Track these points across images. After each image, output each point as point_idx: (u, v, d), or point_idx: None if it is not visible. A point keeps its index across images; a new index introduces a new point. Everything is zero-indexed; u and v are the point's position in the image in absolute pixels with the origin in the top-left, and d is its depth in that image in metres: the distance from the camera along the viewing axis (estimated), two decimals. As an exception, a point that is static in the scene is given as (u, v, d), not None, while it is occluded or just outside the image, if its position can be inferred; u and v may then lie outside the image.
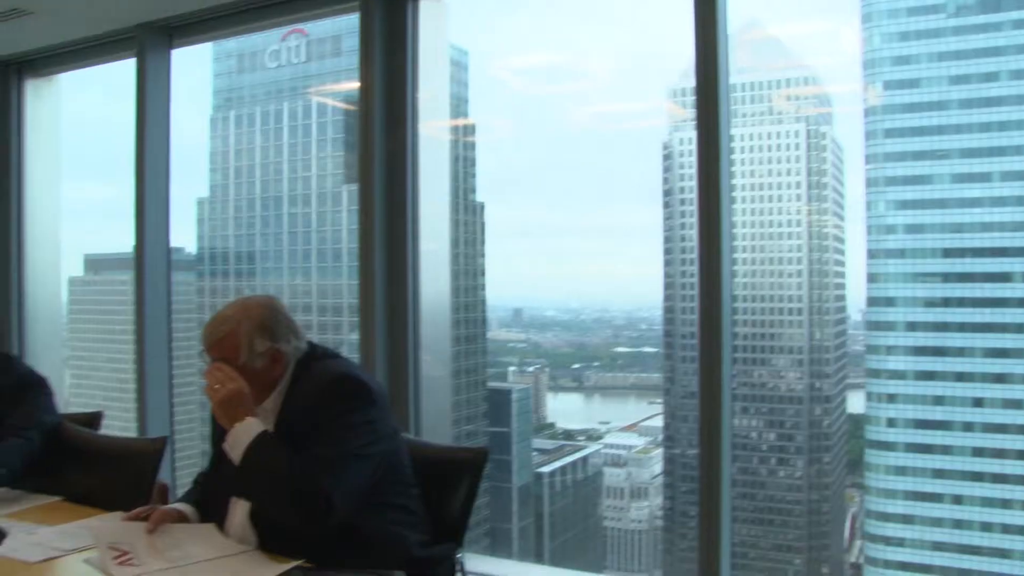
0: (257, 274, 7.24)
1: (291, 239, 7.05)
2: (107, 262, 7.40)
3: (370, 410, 2.24)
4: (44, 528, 2.52)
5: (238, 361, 2.24)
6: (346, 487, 2.15)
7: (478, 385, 6.98)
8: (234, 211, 7.37)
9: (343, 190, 6.88)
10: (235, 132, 7.50)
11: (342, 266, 6.92)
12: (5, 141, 5.53)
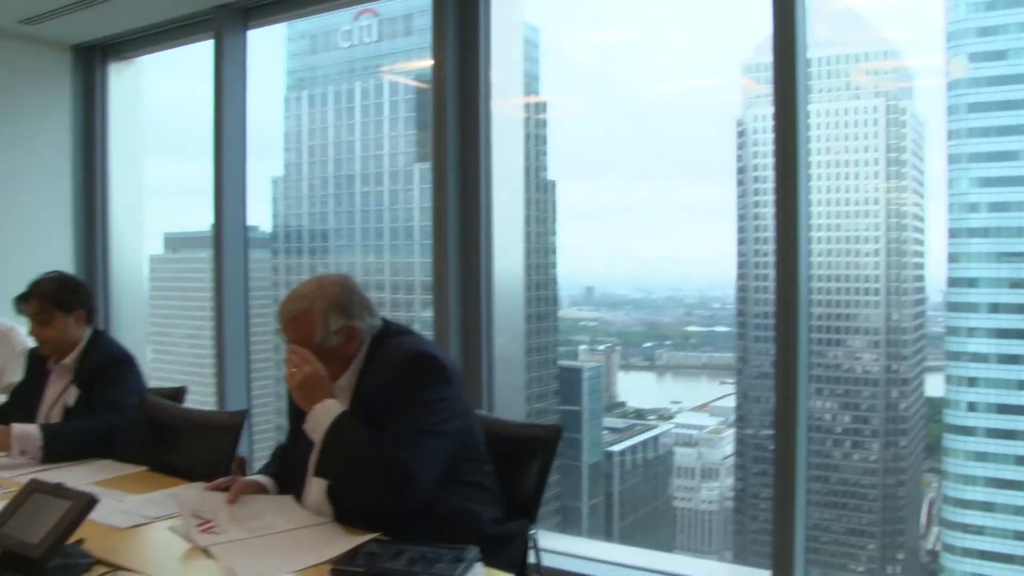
0: (330, 252, 7.32)
1: (363, 217, 7.11)
2: (185, 240, 7.56)
3: (445, 387, 2.25)
4: (131, 496, 2.60)
5: (313, 339, 2.27)
6: (425, 464, 2.16)
7: (549, 363, 6.97)
8: (308, 190, 7.46)
9: (415, 168, 6.90)
10: (308, 112, 7.58)
11: (413, 244, 6.95)
12: (90, 123, 5.68)
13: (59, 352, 3.40)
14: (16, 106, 5.73)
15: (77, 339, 3.41)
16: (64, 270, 3.68)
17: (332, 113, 7.52)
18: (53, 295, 3.36)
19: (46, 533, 1.97)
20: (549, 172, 6.39)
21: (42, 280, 3.43)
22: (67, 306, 3.37)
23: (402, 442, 2.19)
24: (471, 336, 3.94)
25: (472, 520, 2.30)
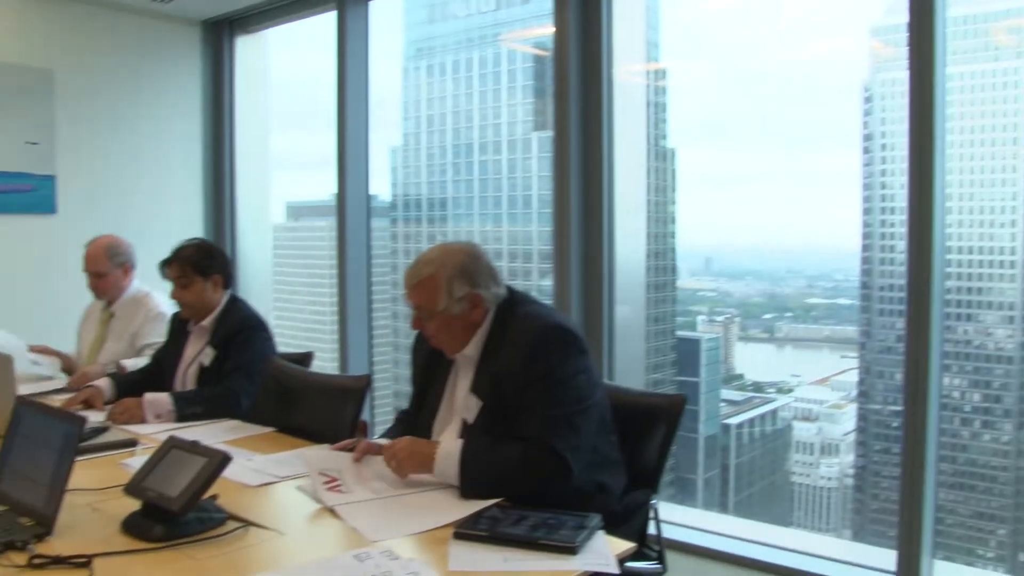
0: (448, 220, 7.36)
1: (482, 186, 7.12)
2: (307, 209, 7.71)
3: (581, 359, 2.24)
4: (260, 456, 2.68)
5: (437, 305, 2.28)
6: (577, 446, 2.16)
7: (667, 334, 6.89)
8: (426, 159, 7.51)
9: (533, 137, 6.87)
10: (427, 81, 7.62)
11: (532, 212, 6.94)
12: (218, 96, 5.86)
13: (197, 315, 3.59)
14: (149, 81, 5.95)
15: (215, 303, 3.59)
16: (204, 238, 3.86)
17: (451, 82, 7.54)
18: (192, 260, 3.54)
19: (184, 488, 2.05)
20: (669, 140, 6.28)
21: (183, 246, 3.61)
22: (205, 271, 3.55)
23: (553, 425, 2.19)
24: (592, 305, 3.93)
25: (602, 493, 2.30)
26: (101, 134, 5.77)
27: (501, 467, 2.20)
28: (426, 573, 1.76)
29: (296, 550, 2.06)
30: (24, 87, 5.46)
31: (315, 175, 6.97)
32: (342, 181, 5.09)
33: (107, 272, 4.21)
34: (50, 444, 2.20)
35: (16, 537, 2.02)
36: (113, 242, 4.26)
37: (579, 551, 1.89)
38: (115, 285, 4.25)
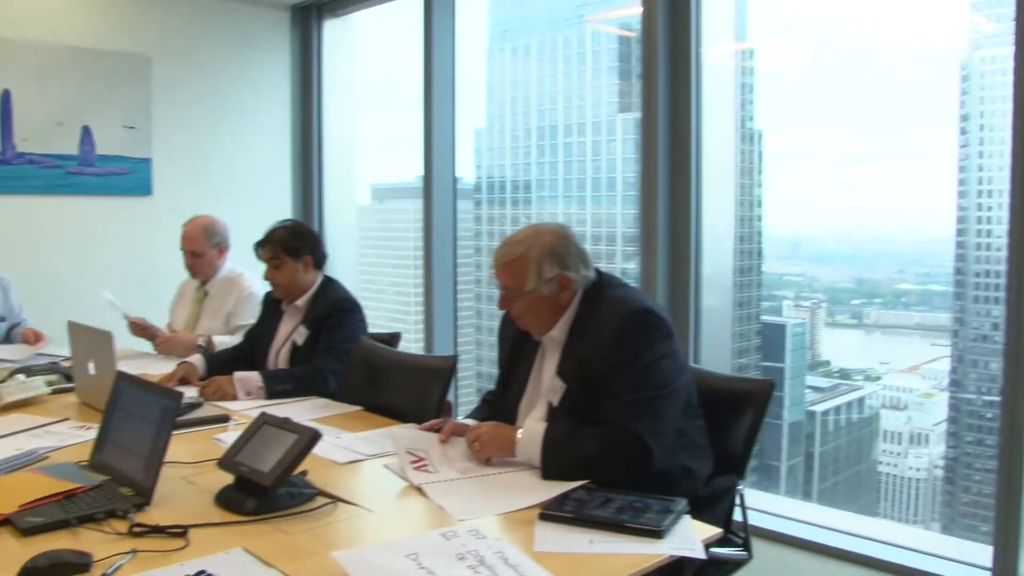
0: (532, 203, 7.34)
1: (566, 168, 7.09)
2: (391, 191, 7.78)
3: (668, 343, 2.22)
4: (347, 434, 2.73)
5: (525, 286, 2.28)
6: (660, 431, 2.15)
7: (751, 318, 6.77)
8: (510, 141, 7.50)
9: (617, 119, 6.81)
10: (511, 63, 7.60)
11: (616, 195, 6.89)
12: (307, 80, 5.95)
13: (290, 295, 3.67)
14: (240, 66, 6.08)
15: (307, 284, 3.67)
16: (297, 219, 3.94)
17: (535, 64, 7.50)
18: (284, 242, 3.62)
19: (275, 463, 2.10)
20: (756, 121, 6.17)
21: (276, 228, 3.69)
22: (296, 252, 3.62)
23: (636, 410, 2.18)
24: (678, 289, 3.89)
25: (687, 477, 2.28)
26: (195, 118, 5.92)
27: (582, 451, 2.20)
28: (512, 553, 1.77)
29: (383, 527, 2.09)
30: (122, 73, 5.62)
31: (400, 157, 7.04)
32: (428, 163, 5.12)
33: (203, 251, 4.32)
34: (148, 418, 2.28)
35: (117, 506, 2.10)
36: (210, 222, 4.37)
37: (665, 535, 1.88)
38: (210, 264, 4.36)
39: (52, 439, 2.79)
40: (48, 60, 5.36)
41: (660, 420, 2.19)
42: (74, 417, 3.12)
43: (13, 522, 2.03)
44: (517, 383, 2.54)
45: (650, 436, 2.16)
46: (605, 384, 2.25)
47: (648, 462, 2.17)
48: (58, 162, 5.44)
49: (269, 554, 1.84)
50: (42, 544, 1.91)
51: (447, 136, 5.18)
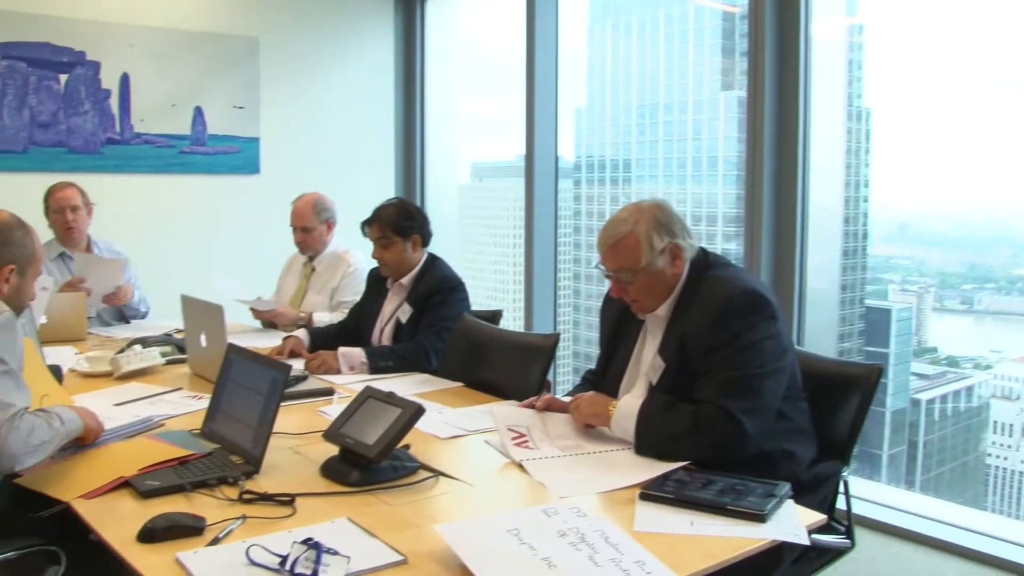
0: (632, 182, 7.29)
1: (666, 147, 7.01)
2: (491, 170, 7.82)
3: (772, 324, 2.18)
4: (449, 409, 2.77)
5: (639, 262, 2.26)
6: (756, 412, 2.12)
7: (855, 302, 6.62)
8: (611, 120, 7.44)
9: (720, 97, 6.70)
10: (612, 41, 7.54)
11: (717, 175, 6.78)
12: (410, 59, 6.01)
13: (396, 273, 3.72)
14: (345, 46, 6.18)
15: (413, 262, 3.71)
16: (404, 198, 3.99)
17: (636, 42, 7.42)
18: (391, 221, 3.66)
19: (380, 436, 2.15)
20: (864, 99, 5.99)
21: (383, 206, 3.74)
22: (404, 232, 3.66)
23: (734, 388, 2.15)
24: (783, 271, 3.82)
25: (789, 460, 2.25)
26: (301, 98, 6.04)
27: (674, 427, 2.19)
28: (613, 531, 1.77)
29: (484, 501, 2.12)
30: (232, 55, 5.77)
31: (500, 136, 7.06)
32: (530, 142, 5.13)
33: (313, 227, 4.41)
34: (258, 389, 2.35)
35: (228, 473, 2.18)
36: (319, 198, 4.45)
37: (768, 519, 1.86)
38: (319, 240, 4.45)
39: (166, 407, 2.91)
40: (163, 44, 5.54)
41: (757, 399, 2.15)
42: (186, 387, 3.24)
43: (133, 484, 2.13)
44: (618, 362, 2.53)
45: (744, 414, 2.12)
46: (704, 363, 2.23)
47: (741, 442, 2.14)
48: (172, 142, 5.63)
49: (372, 525, 1.88)
50: (159, 506, 2.00)
51: (549, 115, 5.17)
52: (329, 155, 6.11)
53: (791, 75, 3.77)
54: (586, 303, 6.36)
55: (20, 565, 2.08)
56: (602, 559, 1.66)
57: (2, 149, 5.10)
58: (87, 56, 5.33)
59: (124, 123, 5.47)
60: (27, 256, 2.36)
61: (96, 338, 4.21)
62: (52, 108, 5.25)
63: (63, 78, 5.28)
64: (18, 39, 5.11)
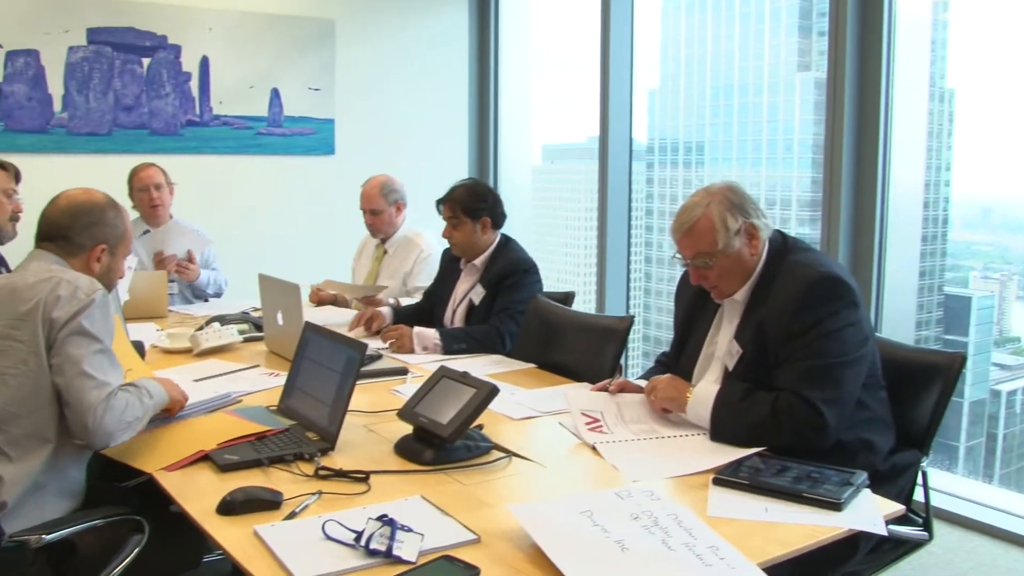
0: (705, 164, 7.20)
1: (740, 129, 6.90)
2: (562, 152, 7.79)
3: (854, 311, 2.15)
4: (522, 391, 2.77)
5: (716, 244, 2.24)
6: (837, 399, 2.09)
7: (934, 289, 6.44)
8: (684, 101, 7.35)
9: (796, 78, 6.57)
10: (687, 21, 7.44)
11: (792, 157, 6.66)
12: (484, 39, 6.01)
13: (467, 254, 3.74)
14: (419, 27, 6.20)
15: (484, 244, 3.73)
16: (478, 179, 4.01)
17: (711, 22, 7.32)
18: (462, 202, 3.68)
19: (454, 416, 2.17)
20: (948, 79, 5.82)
21: (457, 186, 3.77)
22: (474, 214, 3.68)
23: (814, 377, 2.12)
24: (861, 256, 3.74)
25: (867, 450, 2.21)
26: (375, 79, 6.09)
27: (752, 415, 2.17)
28: (686, 516, 1.77)
29: (556, 483, 2.13)
30: (308, 37, 5.84)
31: (572, 118, 7.02)
32: (604, 124, 5.10)
33: (382, 209, 4.44)
34: (334, 367, 2.39)
35: (304, 449, 2.22)
36: (387, 180, 4.48)
37: (844, 508, 1.83)
38: (389, 222, 4.48)
39: (244, 384, 2.97)
40: (241, 27, 5.63)
41: (838, 388, 2.11)
42: (263, 364, 3.30)
43: (212, 458, 2.19)
44: (692, 346, 2.51)
45: (824, 404, 2.09)
46: (783, 351, 2.19)
47: (820, 431, 2.11)
48: (249, 123, 5.73)
49: (446, 503, 1.90)
50: (237, 480, 2.05)
51: (624, 97, 5.13)
52: (403, 136, 6.15)
53: (873, 54, 3.67)
54: (657, 286, 6.31)
55: (106, 533, 2.16)
56: (675, 543, 1.66)
57: (88, 132, 5.24)
58: (168, 40, 5.44)
59: (203, 105, 5.58)
60: (118, 236, 2.43)
61: (176, 315, 4.32)
62: (135, 91, 5.38)
63: (146, 62, 5.40)
64: (104, 24, 5.24)
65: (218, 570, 3.18)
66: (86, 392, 2.09)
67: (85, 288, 2.19)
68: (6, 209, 3.52)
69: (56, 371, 2.11)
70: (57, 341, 2.11)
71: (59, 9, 5.08)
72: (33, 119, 5.09)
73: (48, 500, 2.12)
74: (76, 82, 5.20)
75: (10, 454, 2.06)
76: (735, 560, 1.60)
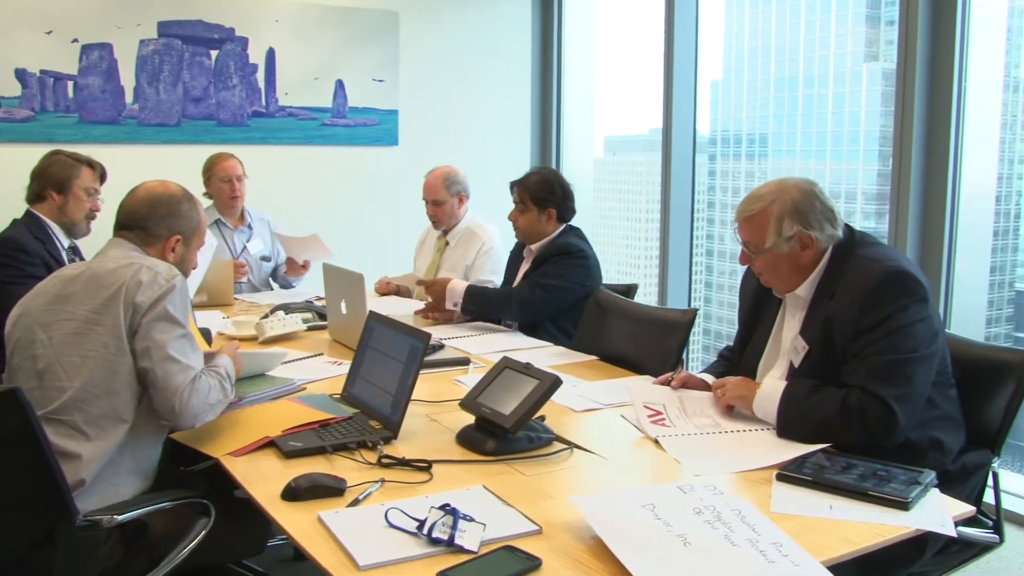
0: (768, 157, 7.11)
1: (805, 121, 6.80)
2: (624, 143, 7.75)
3: (923, 307, 2.10)
4: (583, 382, 2.78)
5: (764, 242, 2.22)
6: (908, 396, 2.05)
7: (1004, 285, 6.28)
8: (747, 93, 7.26)
9: (863, 68, 6.45)
10: (751, 11, 7.34)
11: (858, 150, 6.54)
12: (547, 31, 6.00)
13: (528, 239, 3.83)
14: (482, 18, 6.21)
15: (545, 232, 3.80)
16: (555, 171, 4.08)
17: (775, 12, 7.21)
18: (532, 190, 3.74)
19: (516, 407, 2.17)
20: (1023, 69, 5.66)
21: (532, 173, 3.84)
22: (541, 203, 3.73)
23: (885, 373, 2.09)
24: (930, 252, 3.67)
25: (936, 450, 2.17)
26: (439, 70, 6.12)
27: (821, 412, 2.14)
28: (749, 511, 1.75)
29: (618, 475, 2.12)
30: (373, 29, 5.89)
31: (633, 110, 6.98)
32: (668, 116, 5.06)
33: (444, 200, 4.46)
34: (397, 357, 2.41)
35: (367, 438, 2.25)
36: (450, 171, 4.50)
37: (911, 507, 1.79)
38: (451, 213, 4.50)
39: (307, 372, 3.01)
40: (307, 19, 5.69)
41: (908, 386, 2.07)
42: (326, 352, 3.35)
43: (277, 444, 2.23)
44: (757, 340, 2.49)
45: (896, 402, 2.05)
46: (851, 347, 2.16)
47: (891, 429, 2.07)
48: (314, 114, 5.80)
49: (507, 494, 1.91)
50: (301, 467, 2.08)
51: (688, 88, 5.09)
52: (466, 128, 6.17)
53: (945, 43, 3.58)
54: (718, 280, 6.26)
55: (173, 516, 2.21)
56: (738, 539, 1.64)
57: (158, 122, 5.35)
58: (236, 32, 5.53)
59: (269, 96, 5.66)
60: (192, 227, 2.50)
61: (242, 303, 4.39)
62: (203, 83, 5.48)
63: (214, 54, 5.49)
64: (174, 17, 5.34)
65: (279, 554, 3.25)
66: (173, 376, 2.18)
67: (165, 273, 2.26)
68: (85, 207, 3.61)
69: (142, 356, 2.18)
70: (142, 326, 2.18)
71: (132, 3, 5.19)
72: (106, 111, 5.21)
73: (123, 479, 2.19)
74: (147, 74, 5.31)
75: (88, 433, 2.13)
76: (799, 557, 1.58)
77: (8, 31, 4.90)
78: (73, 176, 3.57)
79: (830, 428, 2.11)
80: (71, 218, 3.59)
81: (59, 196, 3.56)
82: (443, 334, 3.56)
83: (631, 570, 1.53)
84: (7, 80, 4.94)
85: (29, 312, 2.28)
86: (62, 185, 3.56)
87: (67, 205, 3.58)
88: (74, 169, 3.59)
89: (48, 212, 3.57)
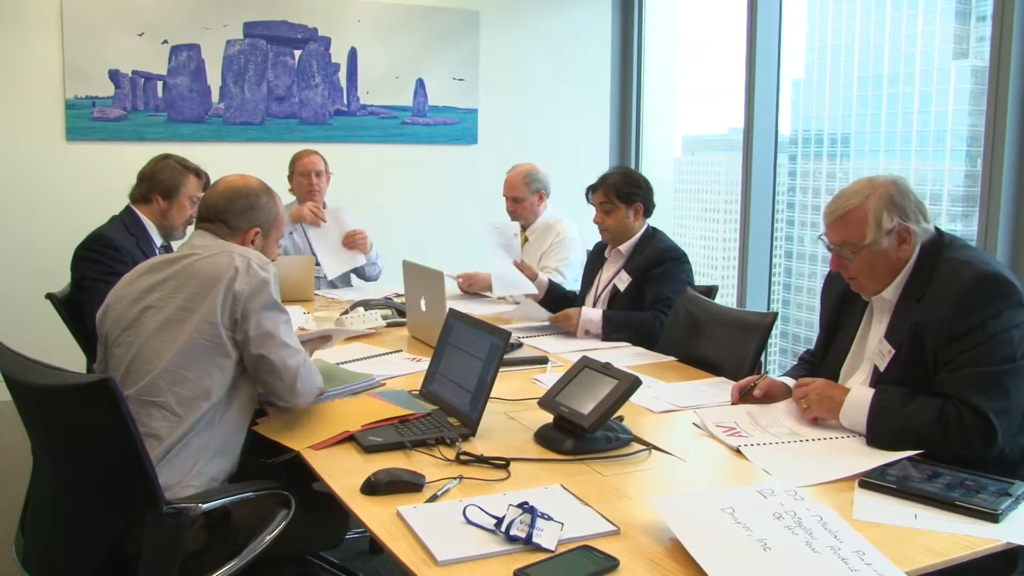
0: (851, 157, 6.97)
1: (889, 120, 6.65)
2: (702, 143, 7.67)
3: (1019, 312, 2.03)
4: (662, 384, 2.76)
5: (863, 239, 2.16)
6: (1007, 409, 1.98)
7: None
8: (830, 91, 7.13)
9: (951, 66, 6.28)
10: (834, 7, 7.20)
11: (944, 150, 6.37)
12: (627, 30, 5.98)
13: (616, 240, 3.76)
14: (562, 17, 6.22)
15: (634, 230, 3.75)
16: (629, 167, 4.02)
17: (860, 8, 7.06)
18: (617, 187, 3.70)
19: (595, 406, 2.17)
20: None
21: (610, 173, 3.79)
22: (628, 199, 3.70)
23: (980, 384, 2.03)
24: (1022, 255, 3.55)
25: (1026, 458, 2.11)
26: (519, 70, 6.14)
27: (915, 422, 2.07)
28: (831, 518, 1.72)
29: (696, 478, 2.11)
30: (453, 28, 5.94)
31: (712, 109, 6.91)
32: (749, 115, 5.01)
33: (524, 197, 4.48)
34: (477, 354, 2.43)
35: (446, 434, 2.27)
36: (531, 169, 4.52)
37: (1001, 519, 1.74)
38: (530, 210, 4.52)
39: (387, 368, 3.05)
40: (388, 18, 5.77)
41: (1006, 397, 2.01)
42: (405, 349, 3.38)
43: (357, 439, 2.27)
44: (840, 344, 2.44)
45: (995, 414, 1.99)
46: (943, 354, 2.09)
47: (990, 443, 2.01)
48: (395, 113, 5.87)
49: (585, 494, 1.91)
50: (380, 462, 2.11)
51: (770, 87, 5.02)
52: (545, 127, 6.18)
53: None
54: (797, 282, 6.16)
55: (255, 506, 2.26)
56: (820, 545, 1.62)
57: (243, 121, 5.47)
58: (319, 32, 5.63)
59: (351, 95, 5.75)
60: (271, 220, 2.55)
61: (322, 299, 4.46)
62: (287, 82, 5.58)
63: (297, 54, 5.60)
64: (260, 18, 5.45)
65: (355, 547, 3.30)
66: (288, 360, 2.30)
67: (257, 261, 2.33)
68: (187, 214, 3.67)
69: (255, 344, 2.27)
70: (248, 315, 2.26)
71: (220, 4, 5.32)
72: (193, 109, 5.35)
73: (208, 459, 2.24)
74: (232, 74, 5.44)
75: (180, 413, 2.20)
76: (882, 567, 1.55)
77: (103, 33, 5.06)
78: (181, 184, 3.64)
79: (925, 438, 2.05)
80: (172, 223, 3.67)
81: (164, 201, 3.62)
82: (521, 333, 3.56)
83: (710, 573, 1.52)
84: (102, 80, 5.10)
85: (120, 301, 2.35)
86: (169, 191, 3.63)
87: (171, 211, 3.64)
88: (183, 177, 3.65)
89: (150, 214, 3.64)
